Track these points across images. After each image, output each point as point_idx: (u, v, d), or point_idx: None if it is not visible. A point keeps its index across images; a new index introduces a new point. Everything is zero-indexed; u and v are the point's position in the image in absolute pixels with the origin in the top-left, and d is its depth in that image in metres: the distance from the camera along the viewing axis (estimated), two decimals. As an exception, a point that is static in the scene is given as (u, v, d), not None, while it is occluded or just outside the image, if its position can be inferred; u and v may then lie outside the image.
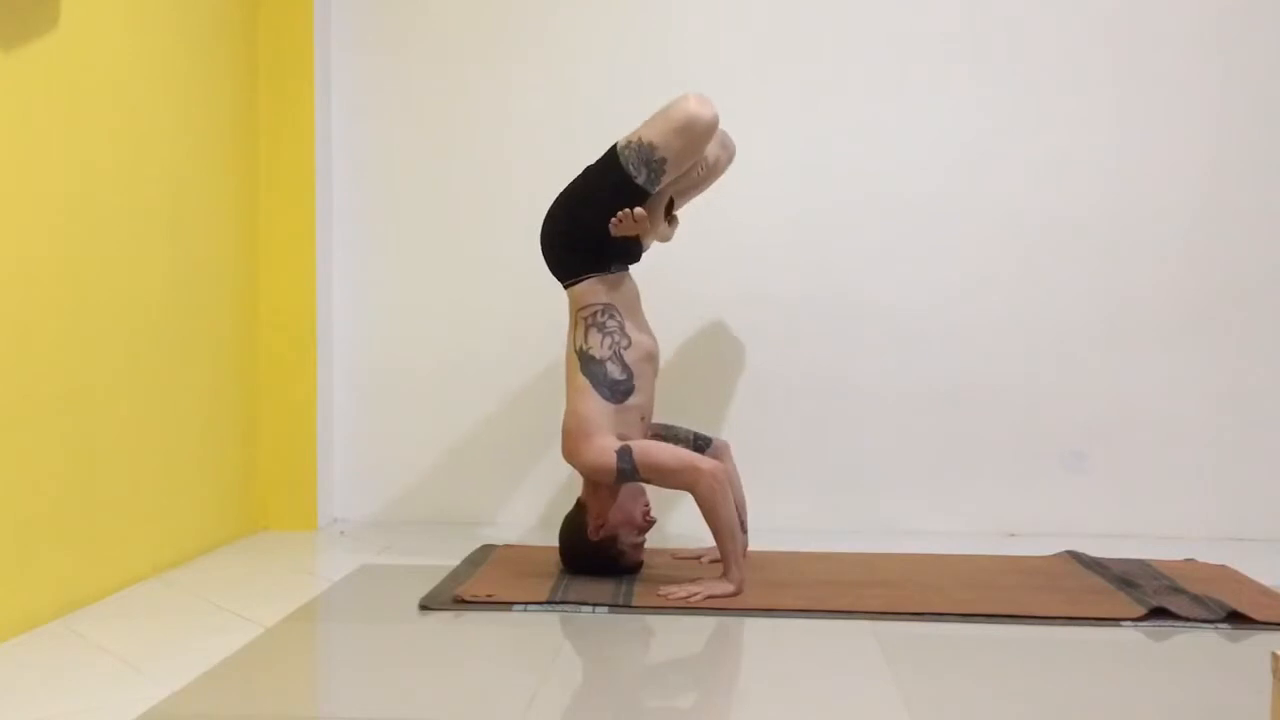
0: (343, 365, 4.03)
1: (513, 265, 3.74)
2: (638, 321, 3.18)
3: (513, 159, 3.97)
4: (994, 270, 3.91)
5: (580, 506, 3.12)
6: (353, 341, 4.03)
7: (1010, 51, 3.90)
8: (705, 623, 2.75)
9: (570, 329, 3.14)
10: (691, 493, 2.92)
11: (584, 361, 3.08)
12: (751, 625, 2.74)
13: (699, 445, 3.24)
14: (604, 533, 3.06)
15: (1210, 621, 2.70)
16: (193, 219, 3.37)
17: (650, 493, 3.13)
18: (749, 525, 3.27)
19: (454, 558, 3.32)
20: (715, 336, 3.93)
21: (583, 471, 3.07)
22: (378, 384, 4.03)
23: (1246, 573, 3.19)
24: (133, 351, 3.03)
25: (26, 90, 2.57)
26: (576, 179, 3.16)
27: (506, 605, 2.80)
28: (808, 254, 3.90)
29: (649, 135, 3.03)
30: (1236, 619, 2.71)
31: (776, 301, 3.92)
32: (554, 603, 2.82)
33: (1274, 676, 1.69)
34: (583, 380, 3.06)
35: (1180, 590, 2.93)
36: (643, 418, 3.15)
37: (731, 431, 3.47)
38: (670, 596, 2.85)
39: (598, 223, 3.06)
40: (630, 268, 3.21)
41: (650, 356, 3.18)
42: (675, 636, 2.68)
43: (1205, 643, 2.60)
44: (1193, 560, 3.36)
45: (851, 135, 3.93)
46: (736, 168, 3.55)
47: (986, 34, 3.90)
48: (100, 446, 2.87)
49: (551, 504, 3.91)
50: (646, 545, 3.16)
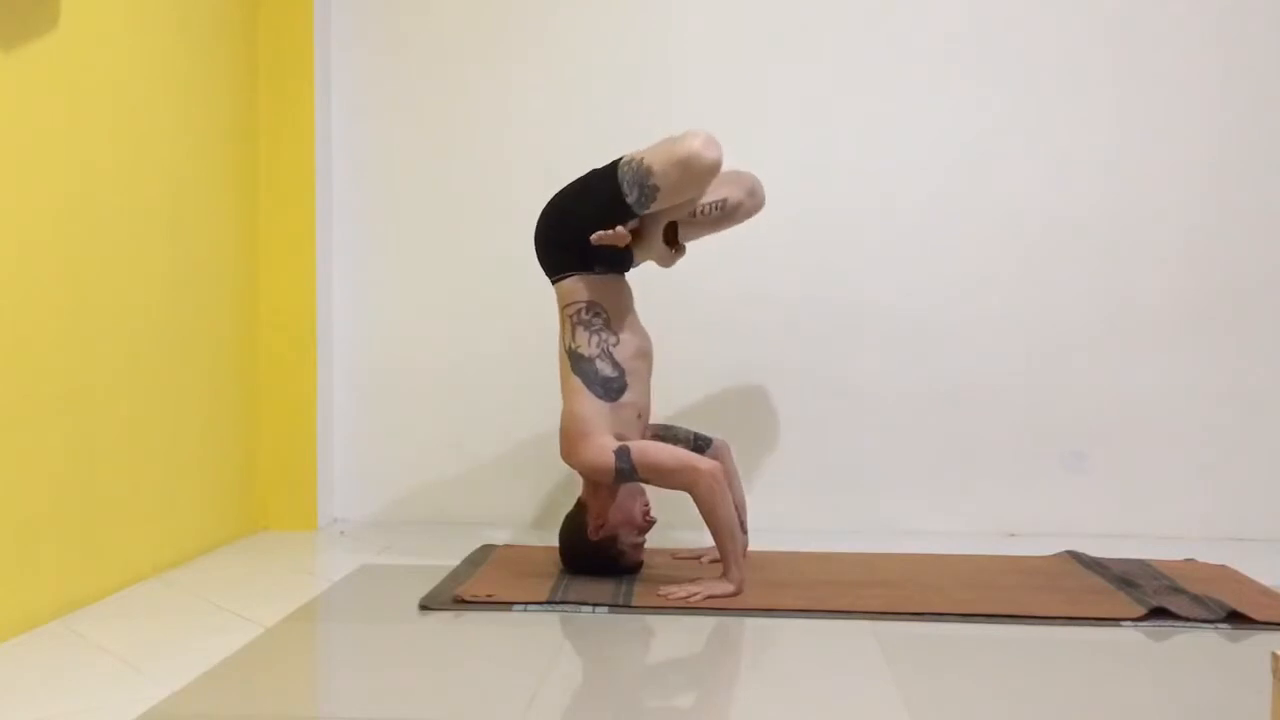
0: (343, 365, 4.03)
1: (513, 265, 3.73)
2: (627, 321, 3.17)
3: (513, 159, 3.97)
4: (994, 270, 3.91)
5: (580, 506, 3.12)
6: (353, 341, 4.03)
7: (1010, 51, 3.90)
8: (705, 623, 2.75)
9: (560, 328, 3.15)
10: (690, 493, 2.92)
11: (574, 361, 3.08)
12: (751, 625, 2.74)
13: (699, 446, 3.24)
14: (604, 532, 3.06)
15: (1210, 621, 2.70)
16: (193, 219, 3.37)
17: (650, 493, 3.13)
18: (749, 525, 3.28)
19: (454, 558, 3.31)
20: (715, 336, 3.93)
21: (581, 472, 3.07)
22: (378, 384, 4.04)
23: (1246, 573, 3.19)
24: (133, 351, 3.03)
25: (26, 90, 2.57)
26: (578, 179, 3.15)
27: (506, 605, 2.80)
28: (808, 254, 3.90)
29: (650, 159, 3.00)
30: (1236, 619, 2.71)
31: (776, 301, 3.92)
32: (554, 603, 2.82)
33: (1274, 676, 1.69)
34: (575, 380, 3.06)
35: (1180, 590, 2.93)
36: (639, 415, 3.15)
37: (731, 431, 3.47)
38: (670, 596, 2.85)
39: (584, 226, 3.06)
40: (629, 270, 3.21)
41: (642, 355, 3.18)
42: (675, 636, 2.68)
43: (1205, 643, 2.60)
44: (1193, 560, 3.36)
45: (851, 135, 3.93)
46: (736, 167, 3.53)
47: (987, 34, 3.91)
48: (100, 446, 2.87)
49: (551, 504, 3.91)
50: (646, 545, 3.16)
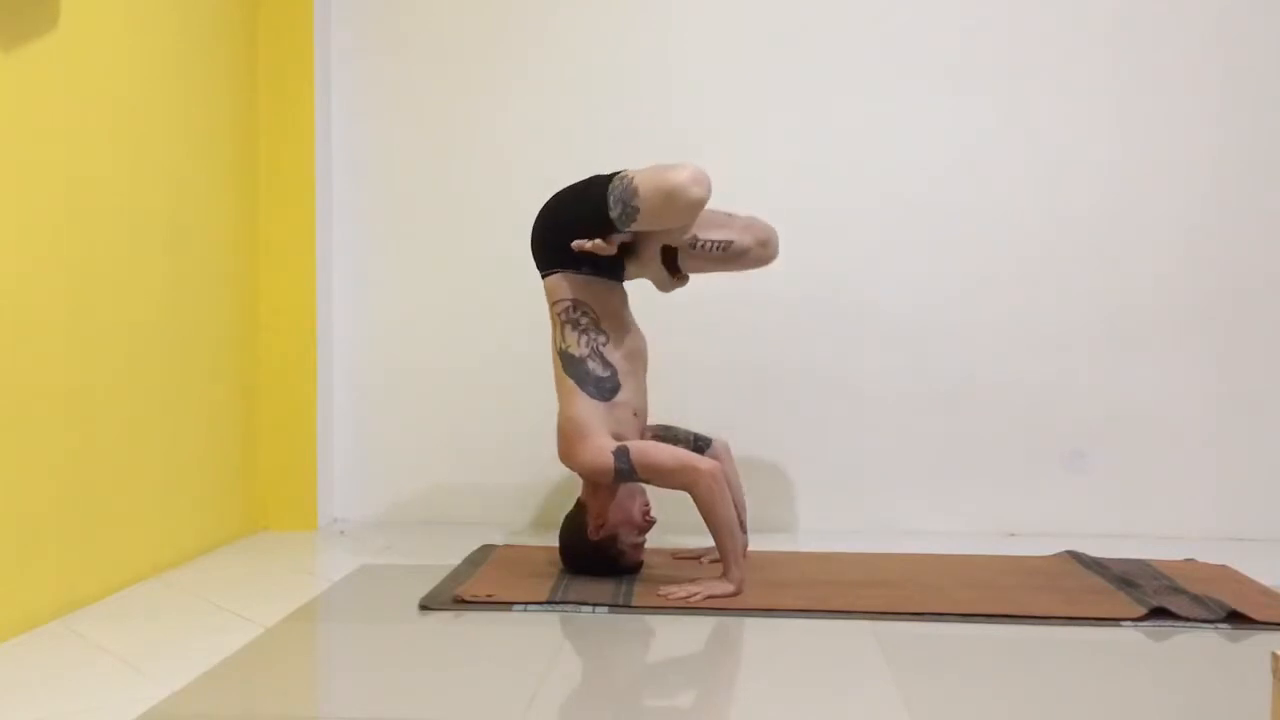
0: (343, 365, 4.03)
1: (513, 265, 3.72)
2: (618, 323, 3.16)
3: (513, 159, 3.97)
4: (994, 270, 3.91)
5: (580, 506, 3.12)
6: (353, 341, 4.03)
7: (1010, 51, 3.90)
8: (705, 623, 2.75)
9: (551, 328, 3.15)
10: (690, 493, 2.92)
11: (566, 362, 3.08)
12: (751, 625, 2.73)
13: (699, 446, 3.24)
14: (604, 532, 3.05)
15: (1210, 621, 2.70)
16: (192, 220, 3.37)
17: (650, 493, 3.13)
18: (748, 525, 3.28)
19: (454, 558, 3.31)
20: (715, 336, 3.93)
21: (580, 473, 3.07)
22: (378, 384, 4.04)
23: (1246, 573, 3.18)
24: (133, 352, 3.03)
25: (26, 90, 2.57)
26: (581, 181, 3.15)
27: (506, 605, 2.80)
28: (808, 254, 3.89)
29: (640, 181, 2.98)
30: (1236, 619, 2.71)
31: (776, 301, 3.92)
32: (554, 603, 2.82)
33: (1274, 676, 1.69)
34: (569, 382, 3.06)
35: (1180, 590, 2.93)
36: (635, 413, 3.15)
37: (731, 432, 3.47)
38: (670, 596, 2.85)
39: (571, 228, 3.07)
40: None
41: (635, 355, 3.18)
42: (675, 636, 2.68)
43: (1205, 643, 2.60)
44: (1193, 560, 3.36)
45: (851, 135, 3.93)
46: (736, 167, 3.55)
47: (987, 34, 3.90)
48: (100, 446, 2.87)
49: (551, 504, 3.91)
50: (646, 545, 3.16)
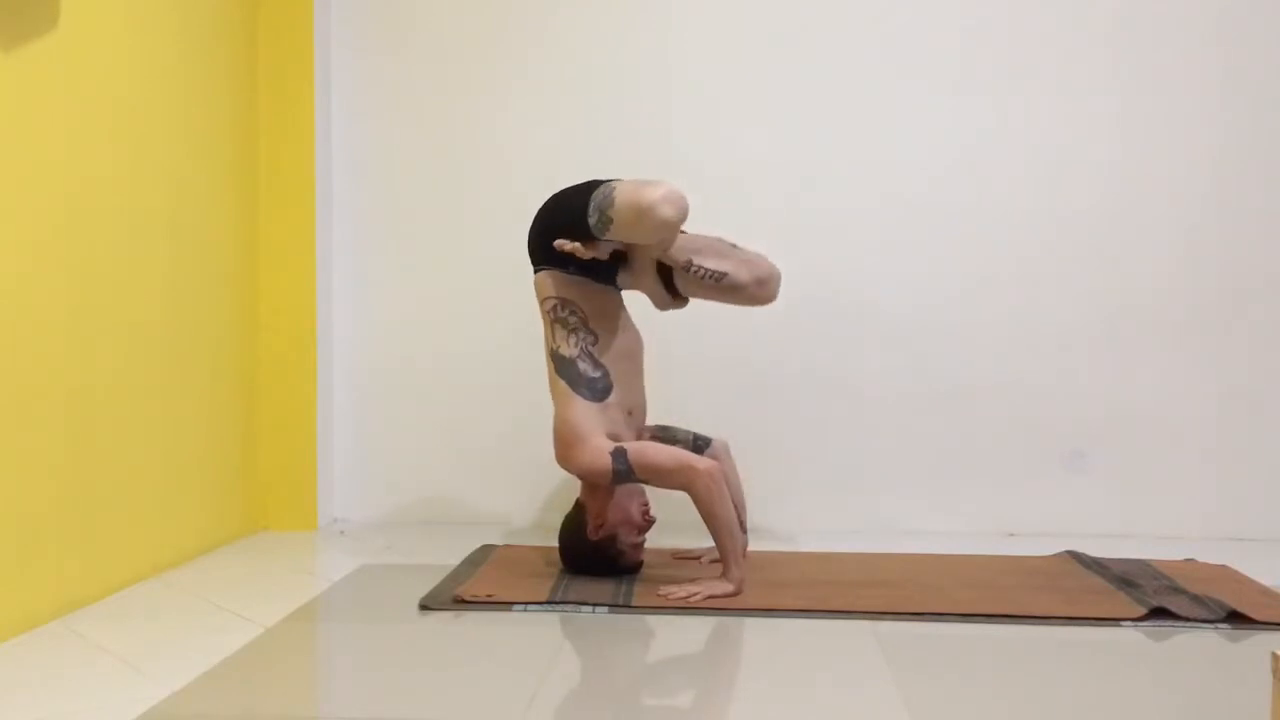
0: (343, 365, 4.03)
1: (513, 265, 3.71)
2: (610, 324, 3.16)
3: (512, 159, 3.97)
4: (994, 270, 3.91)
5: (579, 506, 3.12)
6: (353, 341, 4.03)
7: (1010, 51, 3.90)
8: (705, 623, 2.75)
9: (543, 328, 3.15)
10: (689, 492, 2.92)
11: (558, 364, 3.08)
12: (751, 625, 2.73)
13: (698, 446, 3.25)
14: (603, 532, 3.05)
15: (1210, 621, 2.70)
16: (192, 219, 3.37)
17: (650, 492, 3.13)
18: (748, 525, 3.28)
19: (454, 558, 3.31)
20: (715, 336, 3.93)
21: (578, 475, 3.07)
22: (378, 384, 4.04)
23: (1246, 573, 3.19)
24: (133, 351, 3.03)
25: (26, 90, 2.57)
26: (582, 183, 3.14)
27: (506, 605, 2.80)
28: (808, 254, 3.89)
29: (618, 191, 2.96)
30: (1236, 619, 2.71)
31: (777, 301, 3.91)
32: (554, 603, 2.82)
33: (1274, 676, 1.69)
34: (562, 384, 3.06)
35: (1180, 590, 2.93)
36: (629, 413, 3.14)
37: (731, 432, 3.47)
38: (670, 596, 2.85)
39: (557, 227, 3.07)
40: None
41: (627, 355, 3.17)
42: (675, 636, 2.68)
43: (1205, 643, 2.60)
44: (1193, 560, 3.36)
45: (851, 135, 3.93)
46: (736, 167, 3.55)
47: (987, 34, 3.90)
48: (100, 446, 2.87)
49: (551, 504, 3.91)
50: (646, 545, 3.16)
